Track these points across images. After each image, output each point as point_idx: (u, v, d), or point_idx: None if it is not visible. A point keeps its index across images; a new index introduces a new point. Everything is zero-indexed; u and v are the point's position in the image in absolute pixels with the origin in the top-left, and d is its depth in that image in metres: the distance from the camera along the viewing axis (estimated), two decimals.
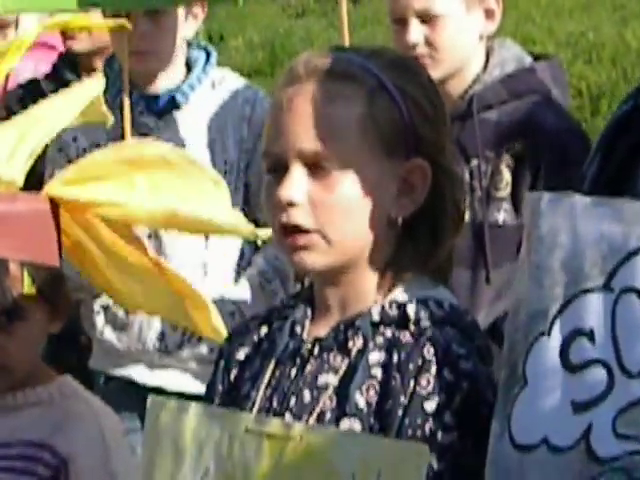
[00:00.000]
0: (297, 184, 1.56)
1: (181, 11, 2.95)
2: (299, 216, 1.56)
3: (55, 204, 2.12)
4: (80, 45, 3.56)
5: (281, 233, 1.58)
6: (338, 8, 2.71)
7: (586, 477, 1.53)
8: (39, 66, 3.92)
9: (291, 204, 1.56)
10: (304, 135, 1.57)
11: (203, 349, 2.85)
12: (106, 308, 2.93)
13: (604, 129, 1.85)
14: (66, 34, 3.57)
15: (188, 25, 2.97)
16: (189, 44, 3.06)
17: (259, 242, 2.77)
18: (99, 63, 3.42)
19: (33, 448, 2.16)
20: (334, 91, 1.58)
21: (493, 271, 2.60)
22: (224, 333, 2.23)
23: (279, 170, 1.58)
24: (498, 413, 1.55)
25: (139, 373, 2.94)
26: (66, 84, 3.18)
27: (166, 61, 2.97)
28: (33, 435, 2.16)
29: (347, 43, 2.69)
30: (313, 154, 1.56)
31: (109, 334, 2.93)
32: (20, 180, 2.16)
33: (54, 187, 2.16)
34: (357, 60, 1.61)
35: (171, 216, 2.20)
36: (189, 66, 3.01)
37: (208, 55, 3.03)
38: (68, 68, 3.63)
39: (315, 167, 1.57)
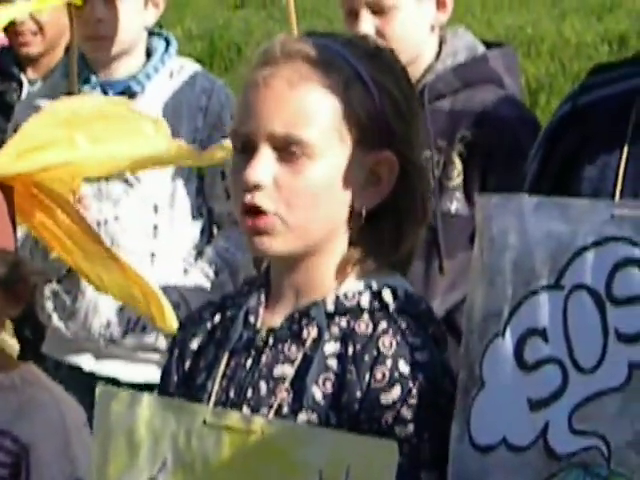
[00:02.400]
0: (264, 166, 1.54)
1: None
2: (262, 198, 1.54)
3: (6, 186, 2.11)
4: (35, 48, 3.59)
5: (243, 214, 1.57)
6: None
7: (545, 474, 1.56)
8: None
9: (257, 186, 1.54)
10: (276, 118, 1.54)
11: (149, 338, 2.86)
12: (55, 294, 2.92)
13: (544, 129, 1.92)
14: (17, 39, 3.60)
15: (148, 13, 2.95)
16: (150, 33, 3.03)
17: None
18: (47, 60, 3.49)
19: None
20: (310, 76, 1.56)
21: (447, 261, 2.62)
22: (175, 324, 2.24)
23: (247, 151, 1.56)
24: (457, 415, 1.58)
25: (87, 361, 2.94)
26: (10, 78, 3.36)
27: (123, 48, 2.95)
28: None
29: (295, 33, 2.69)
30: (283, 138, 1.54)
31: (57, 321, 2.93)
32: None
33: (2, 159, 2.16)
34: (334, 47, 1.60)
35: (116, 161, 2.23)
36: (149, 54, 3.00)
37: (168, 44, 3.01)
38: (12, 62, 3.67)
39: (284, 151, 1.55)
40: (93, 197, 2.88)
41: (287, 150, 1.55)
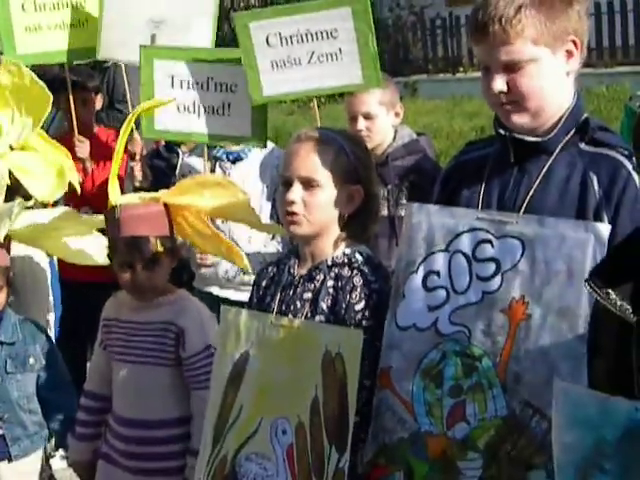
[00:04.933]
0: (296, 193, 2.56)
1: None
2: (295, 208, 2.55)
3: (166, 206, 3.36)
4: None
5: (285, 217, 2.59)
6: (312, 111, 4.10)
7: (435, 343, 2.29)
8: None
9: (292, 202, 2.55)
10: (302, 168, 2.56)
11: (246, 278, 4.16)
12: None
13: (442, 172, 2.69)
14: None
15: None
16: None
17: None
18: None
19: (166, 324, 3.30)
20: (318, 148, 2.57)
21: (399, 239, 3.64)
22: (248, 266, 3.54)
23: (287, 185, 2.58)
24: (389, 313, 2.38)
25: (215, 290, 4.43)
26: (172, 150, 4.88)
27: None
28: (166, 317, 3.32)
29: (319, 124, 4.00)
30: (306, 178, 2.56)
31: (202, 270, 4.40)
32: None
33: (166, 197, 3.38)
34: (331, 134, 2.62)
35: (220, 208, 3.41)
36: None
37: None
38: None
39: (306, 184, 2.56)
40: None
41: (308, 184, 2.58)
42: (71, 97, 5.01)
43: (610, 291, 1.74)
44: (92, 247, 3.83)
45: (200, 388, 3.25)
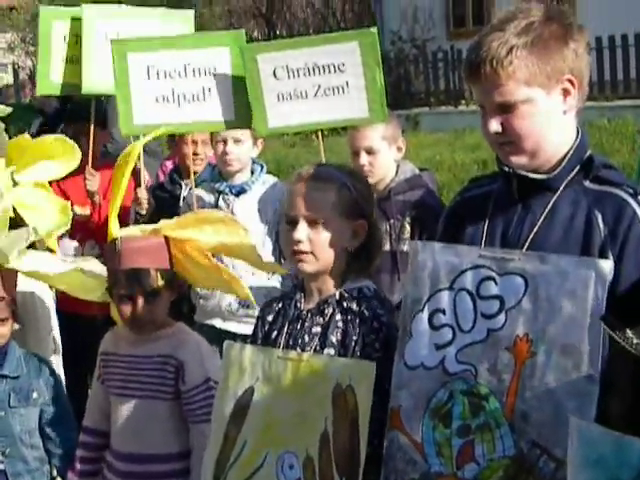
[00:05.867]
0: (302, 231, 2.59)
1: (251, 141, 4.35)
2: (302, 246, 2.59)
3: (167, 239, 3.37)
4: (197, 167, 5.01)
5: (292, 255, 2.62)
6: (314, 144, 4.15)
7: (442, 382, 2.29)
8: None
9: (299, 241, 2.59)
10: (305, 207, 2.60)
11: (249, 312, 4.18)
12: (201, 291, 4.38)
13: (446, 209, 2.68)
14: (186, 162, 4.93)
15: (254, 150, 4.46)
16: (253, 161, 4.57)
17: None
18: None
19: (165, 357, 3.31)
20: (320, 185, 2.62)
21: (402, 274, 3.84)
22: (250, 296, 3.52)
23: (292, 224, 2.62)
24: (398, 350, 2.39)
25: (217, 322, 4.44)
26: (175, 182, 4.96)
27: (240, 167, 4.47)
28: (165, 351, 3.32)
29: (323, 160, 4.00)
30: (310, 216, 2.59)
31: (202, 301, 4.37)
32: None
33: (166, 230, 3.38)
34: (332, 170, 2.67)
35: (221, 246, 3.44)
36: (252, 172, 4.52)
37: (262, 167, 4.53)
38: (177, 174, 5.06)
39: (311, 222, 2.60)
40: None
41: (313, 222, 2.62)
42: (91, 129, 5.05)
43: (628, 330, 1.74)
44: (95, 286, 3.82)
45: (200, 422, 3.26)
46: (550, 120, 2.35)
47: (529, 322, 2.21)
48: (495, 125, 2.34)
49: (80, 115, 5.19)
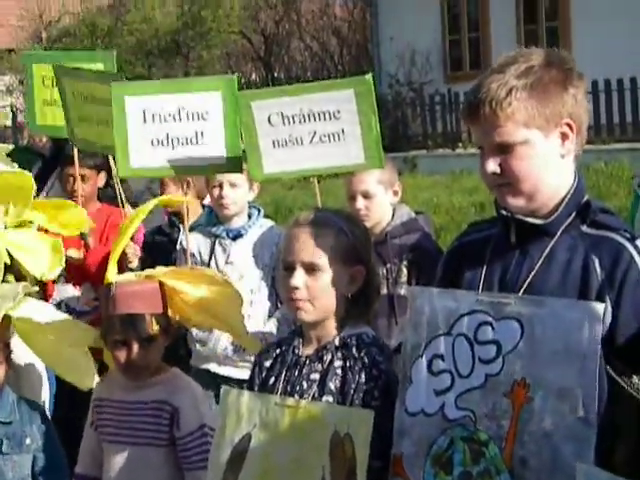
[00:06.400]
0: (299, 278, 2.60)
1: (247, 185, 4.39)
2: (300, 294, 2.59)
3: (162, 284, 3.36)
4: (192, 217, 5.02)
5: (290, 302, 2.62)
6: (311, 186, 4.17)
7: (443, 429, 2.31)
8: None
9: (296, 288, 2.59)
10: (303, 253, 2.60)
11: (245, 356, 4.17)
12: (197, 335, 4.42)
13: (445, 253, 2.72)
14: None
15: (250, 193, 4.51)
16: (250, 205, 4.61)
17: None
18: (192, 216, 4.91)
19: (160, 403, 3.29)
20: (317, 231, 2.62)
21: (399, 318, 3.86)
22: (255, 345, 3.50)
23: (289, 270, 2.62)
24: (399, 397, 2.40)
25: (213, 367, 4.41)
26: (174, 225, 5.04)
27: (237, 211, 4.51)
28: (159, 396, 3.31)
29: (319, 203, 4.05)
30: (308, 263, 2.60)
31: (199, 346, 4.36)
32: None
33: (162, 277, 3.38)
34: (329, 215, 2.68)
35: (211, 306, 3.48)
36: (250, 216, 4.55)
37: (259, 211, 4.57)
38: (174, 218, 5.11)
39: (308, 269, 2.60)
40: None
41: (310, 269, 2.62)
42: (78, 170, 5.12)
43: (634, 377, 1.74)
44: (82, 367, 3.76)
45: (196, 469, 3.24)
46: (548, 163, 2.37)
47: (526, 366, 2.22)
48: (493, 165, 2.36)
49: (65, 161, 5.27)
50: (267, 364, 2.80)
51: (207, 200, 5.52)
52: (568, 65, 2.39)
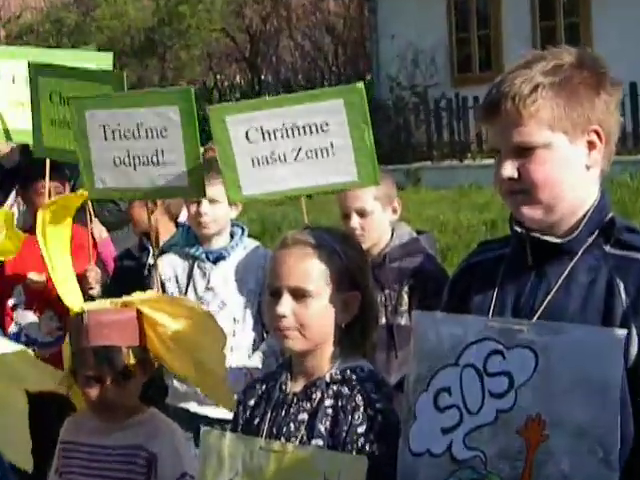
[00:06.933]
0: (286, 304, 2.60)
1: (227, 202, 4.34)
2: (288, 323, 2.60)
3: (139, 312, 3.37)
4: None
5: (276, 331, 2.63)
6: (299, 203, 4.13)
7: (450, 470, 2.30)
8: None
9: (283, 316, 2.60)
10: (291, 278, 2.61)
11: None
12: None
13: (452, 276, 2.72)
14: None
15: (232, 211, 4.54)
16: (233, 224, 4.64)
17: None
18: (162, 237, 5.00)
19: (135, 449, 3.28)
20: (308, 253, 2.62)
21: (399, 351, 3.86)
22: (229, 402, 3.43)
23: (275, 296, 2.62)
24: (402, 435, 2.39)
25: (192, 406, 4.44)
26: (144, 249, 4.96)
27: (218, 230, 4.52)
28: (135, 441, 3.29)
29: (306, 221, 4.00)
30: (296, 288, 2.60)
31: (177, 384, 4.40)
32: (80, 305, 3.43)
33: (140, 304, 3.40)
34: (321, 235, 2.68)
35: (189, 343, 3.47)
36: (232, 236, 4.59)
37: (243, 230, 4.61)
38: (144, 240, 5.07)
39: (297, 295, 2.61)
40: None
41: (299, 294, 2.63)
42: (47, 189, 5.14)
43: None
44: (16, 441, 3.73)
45: None
46: (571, 172, 2.37)
47: (541, 401, 2.22)
48: (510, 169, 2.37)
49: (35, 173, 5.27)
50: (251, 402, 2.80)
51: (183, 217, 5.54)
52: (602, 68, 2.40)
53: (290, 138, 3.97)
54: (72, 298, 3.50)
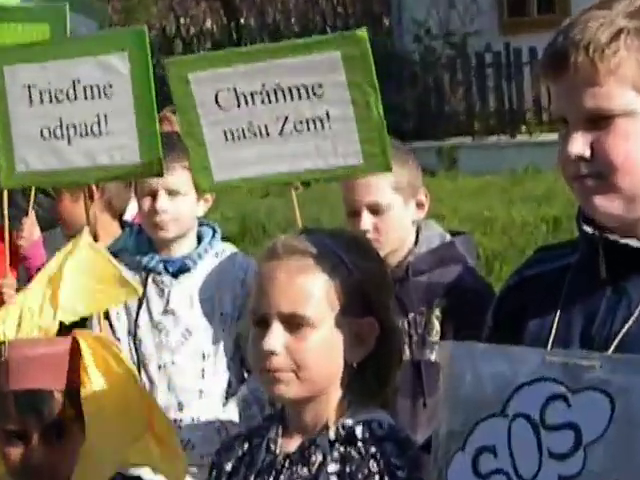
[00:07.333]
0: (276, 337, 2.60)
1: (194, 193, 4.38)
2: (279, 362, 2.59)
3: (77, 342, 3.29)
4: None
5: (263, 373, 2.62)
6: (289, 194, 4.12)
7: None
8: None
9: (272, 353, 2.58)
10: (282, 301, 2.61)
11: (194, 460, 4.08)
12: None
13: (498, 293, 2.74)
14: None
15: (200, 206, 4.51)
16: (201, 223, 4.62)
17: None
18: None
19: None
20: (305, 266, 2.62)
21: (429, 398, 3.88)
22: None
23: (262, 325, 2.62)
24: None
25: (146, 473, 4.13)
26: None
27: (180, 233, 4.50)
28: None
29: (298, 219, 4.00)
30: (289, 315, 2.60)
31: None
32: (54, 328, 3.42)
33: (77, 332, 3.33)
34: (323, 240, 2.67)
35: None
36: (200, 239, 4.55)
37: (214, 232, 4.58)
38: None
39: (291, 324, 2.60)
40: (155, 347, 4.38)
41: (293, 324, 2.62)
42: None
43: None
44: None
45: None
46: None
47: (620, 464, 2.21)
48: (581, 144, 2.36)
49: None
50: (228, 467, 2.81)
51: (129, 214, 5.56)
52: None
53: (273, 104, 3.96)
54: None
